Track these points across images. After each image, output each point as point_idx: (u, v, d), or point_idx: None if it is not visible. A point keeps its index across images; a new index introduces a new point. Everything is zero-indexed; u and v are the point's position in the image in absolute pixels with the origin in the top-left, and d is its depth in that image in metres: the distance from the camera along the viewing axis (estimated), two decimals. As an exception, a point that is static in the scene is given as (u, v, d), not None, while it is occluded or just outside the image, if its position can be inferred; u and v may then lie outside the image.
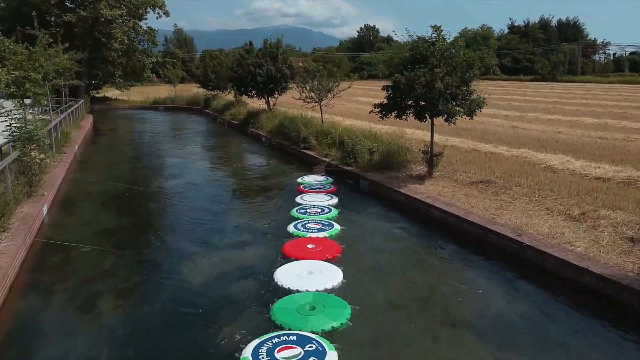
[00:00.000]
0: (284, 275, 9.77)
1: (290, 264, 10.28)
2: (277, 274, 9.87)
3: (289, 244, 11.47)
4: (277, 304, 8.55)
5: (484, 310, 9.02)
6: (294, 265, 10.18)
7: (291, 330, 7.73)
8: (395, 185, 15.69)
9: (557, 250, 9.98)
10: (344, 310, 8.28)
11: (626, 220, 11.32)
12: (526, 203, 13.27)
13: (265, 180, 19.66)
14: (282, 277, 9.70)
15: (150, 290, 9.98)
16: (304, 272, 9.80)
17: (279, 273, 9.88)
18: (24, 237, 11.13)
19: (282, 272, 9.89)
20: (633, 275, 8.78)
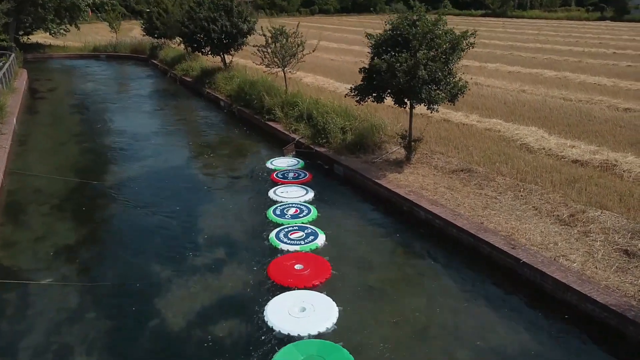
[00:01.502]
0: (276, 314, 8.97)
1: (280, 297, 9.45)
2: (268, 312, 9.05)
3: (273, 265, 10.59)
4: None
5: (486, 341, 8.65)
6: (285, 299, 9.36)
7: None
8: (374, 175, 14.85)
9: (557, 271, 9.60)
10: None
11: (616, 225, 11.09)
12: (512, 200, 12.83)
13: (231, 162, 18.31)
14: (274, 317, 8.90)
15: (127, 341, 8.93)
16: (296, 309, 9.02)
17: (269, 311, 9.06)
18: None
19: (273, 310, 9.07)
20: (636, 304, 8.53)
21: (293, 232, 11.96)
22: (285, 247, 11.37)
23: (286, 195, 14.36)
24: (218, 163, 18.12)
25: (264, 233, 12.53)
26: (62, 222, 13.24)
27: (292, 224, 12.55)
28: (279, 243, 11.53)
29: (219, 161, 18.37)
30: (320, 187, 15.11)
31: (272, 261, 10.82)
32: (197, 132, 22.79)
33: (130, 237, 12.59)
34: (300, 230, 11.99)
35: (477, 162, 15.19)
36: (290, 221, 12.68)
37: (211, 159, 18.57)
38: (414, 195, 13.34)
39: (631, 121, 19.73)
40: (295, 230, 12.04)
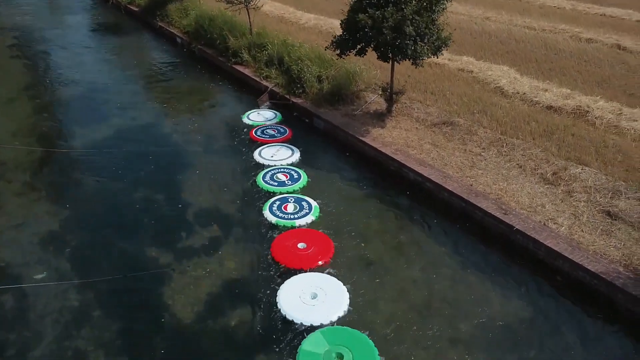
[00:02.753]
0: (288, 302, 9.04)
1: (290, 283, 9.47)
2: (280, 300, 9.11)
3: (276, 245, 10.51)
4: (302, 355, 7.95)
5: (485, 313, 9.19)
6: (295, 285, 9.40)
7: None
8: (358, 131, 14.57)
9: (549, 238, 10.07)
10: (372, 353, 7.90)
11: (596, 183, 11.58)
12: (496, 156, 13.05)
13: (204, 117, 17.37)
14: (287, 305, 8.98)
15: (140, 341, 8.82)
16: (308, 296, 9.12)
17: (282, 300, 9.12)
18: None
19: (285, 298, 9.13)
20: (623, 271, 9.18)
21: (286, 204, 11.76)
22: (282, 222, 11.24)
23: (272, 157, 13.96)
24: (190, 118, 17.13)
25: (257, 203, 12.30)
26: (39, 204, 12.39)
27: (283, 192, 12.33)
28: (274, 218, 11.37)
29: (191, 115, 17.37)
30: (303, 145, 14.75)
31: (273, 241, 10.70)
32: (158, 78, 21.18)
33: (117, 218, 12.01)
34: (295, 203, 11.80)
35: (457, 113, 15.15)
36: (282, 189, 12.44)
37: (181, 114, 17.53)
38: (401, 155, 13.29)
39: (594, 54, 20.01)
40: (289, 202, 11.84)
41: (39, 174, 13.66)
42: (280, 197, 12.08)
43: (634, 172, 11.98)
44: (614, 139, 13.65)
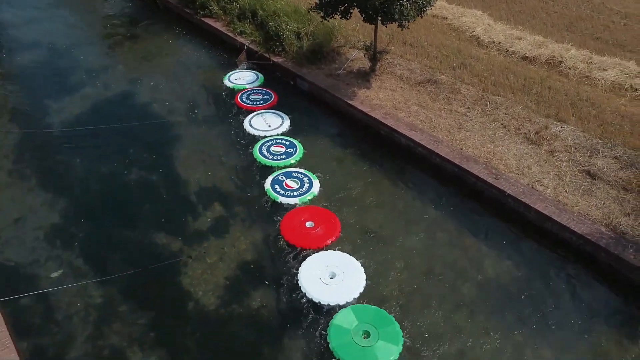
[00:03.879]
0: (309, 282, 9.49)
1: (308, 263, 9.86)
2: (302, 281, 9.53)
3: (285, 226, 10.75)
4: (332, 336, 8.55)
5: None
6: (314, 265, 9.81)
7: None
8: (344, 93, 14.51)
9: (538, 201, 10.82)
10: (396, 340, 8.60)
11: (575, 142, 12.30)
12: (481, 116, 13.46)
13: (183, 81, 16.63)
14: (309, 286, 9.44)
15: (169, 332, 9.16)
16: (327, 276, 9.62)
17: (303, 280, 9.54)
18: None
19: (306, 278, 9.57)
20: (605, 230, 10.13)
21: (288, 181, 11.90)
22: (285, 200, 11.42)
23: (262, 126, 13.81)
24: (167, 83, 16.41)
25: (256, 179, 12.38)
26: (32, 195, 11.96)
27: (281, 166, 12.40)
28: (277, 196, 11.52)
29: (166, 79, 16.61)
30: (291, 111, 14.61)
31: (281, 221, 10.92)
32: (122, 36, 19.68)
33: (116, 204, 11.81)
34: (295, 180, 11.91)
35: (438, 69, 15.25)
36: (280, 162, 12.50)
37: (156, 77, 16.73)
38: (391, 119, 13.47)
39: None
40: (290, 179, 11.96)
41: (22, 159, 13.02)
42: (280, 173, 12.13)
43: (607, 127, 12.73)
44: (587, 90, 14.29)
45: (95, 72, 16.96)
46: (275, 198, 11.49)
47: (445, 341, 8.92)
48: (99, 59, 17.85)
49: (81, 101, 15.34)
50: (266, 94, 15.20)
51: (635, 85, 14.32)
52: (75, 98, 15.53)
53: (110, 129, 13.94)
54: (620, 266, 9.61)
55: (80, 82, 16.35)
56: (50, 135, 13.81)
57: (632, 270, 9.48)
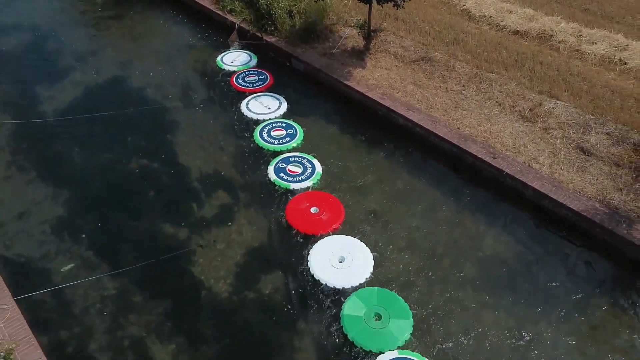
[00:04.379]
0: (320, 267, 9.73)
1: (317, 248, 10.08)
2: (313, 266, 9.77)
3: (290, 212, 10.90)
4: (347, 327, 8.87)
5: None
6: (322, 250, 10.03)
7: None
8: (340, 73, 14.47)
9: (535, 180, 11.14)
10: (406, 314, 8.96)
11: (568, 118, 12.57)
12: (476, 94, 13.62)
13: (174, 63, 16.32)
14: (319, 270, 9.68)
15: (189, 319, 9.39)
16: (336, 260, 9.87)
17: (313, 265, 9.78)
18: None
19: (316, 263, 9.81)
20: (599, 206, 10.53)
21: (290, 165, 11.98)
22: (297, 186, 11.53)
23: (260, 109, 13.75)
24: (158, 66, 16.10)
25: (258, 164, 12.44)
26: (33, 188, 11.82)
27: (283, 150, 12.46)
28: (280, 181, 11.63)
29: (158, 62, 16.28)
30: (288, 93, 14.54)
31: (287, 206, 11.05)
32: (109, 16, 19.05)
33: (120, 194, 11.78)
34: (297, 165, 11.99)
35: (432, 45, 15.26)
36: (281, 147, 12.54)
37: (147, 60, 16.39)
38: (388, 100, 13.53)
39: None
40: (292, 164, 12.03)
41: (19, 151, 12.81)
42: (278, 160, 12.17)
43: (598, 102, 13.01)
44: (578, 65, 14.50)
45: (83, 56, 16.52)
46: (286, 186, 11.52)
47: (452, 318, 9.32)
48: (86, 42, 17.35)
49: (73, 88, 15.01)
50: (262, 75, 15.07)
51: (624, 59, 14.56)
52: (66, 84, 15.17)
53: (105, 117, 13.73)
54: (614, 241, 10.06)
55: (69, 68, 15.94)
56: (45, 125, 13.54)
57: (625, 244, 9.93)
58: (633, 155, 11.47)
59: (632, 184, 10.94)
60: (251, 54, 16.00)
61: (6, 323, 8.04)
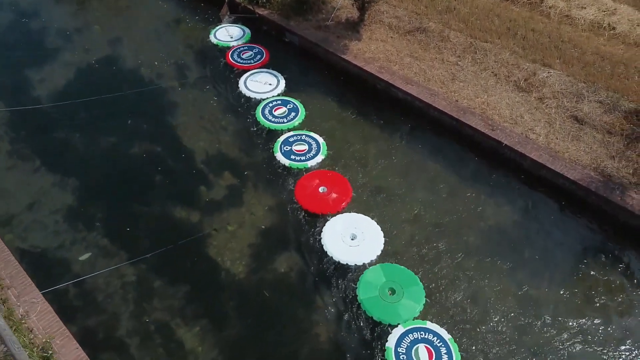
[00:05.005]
0: (333, 245, 10.04)
1: (329, 227, 10.35)
2: (326, 244, 10.06)
3: (299, 192, 11.06)
4: (360, 289, 9.33)
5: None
6: (334, 229, 10.31)
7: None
8: (336, 47, 14.39)
9: (533, 151, 11.54)
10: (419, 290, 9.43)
11: (562, 87, 12.89)
12: (472, 65, 13.78)
13: (166, 40, 15.94)
14: (333, 249, 10.00)
15: (211, 301, 9.72)
16: (348, 237, 10.22)
17: (327, 243, 10.07)
18: None
19: (329, 242, 10.10)
20: (595, 175, 11.03)
21: (295, 144, 12.10)
22: (310, 164, 11.68)
23: (259, 87, 13.68)
24: (149, 43, 15.72)
25: (261, 143, 12.52)
26: (39, 176, 11.71)
27: (284, 129, 12.52)
28: (287, 160, 11.76)
29: (148, 39, 15.88)
30: (284, 67, 14.44)
31: (295, 187, 11.24)
32: None
33: (128, 179, 11.79)
34: (302, 144, 12.11)
35: (425, 14, 15.22)
36: (283, 125, 12.60)
37: (137, 38, 15.96)
38: (387, 73, 13.60)
39: None
40: (298, 142, 12.14)
41: (18, 139, 12.59)
42: (287, 136, 12.27)
43: (589, 69, 13.32)
44: (568, 31, 14.70)
45: (69, 34, 15.98)
46: (304, 166, 11.64)
47: (459, 287, 9.85)
48: (70, 18, 16.73)
49: (63, 70, 14.61)
50: (257, 50, 14.87)
51: (613, 24, 14.80)
52: (56, 66, 14.75)
53: (103, 100, 13.50)
54: (608, 207, 10.62)
55: (56, 48, 15.44)
56: (41, 111, 13.27)
57: (618, 210, 10.50)
58: (624, 123, 11.91)
59: (623, 151, 11.43)
60: (244, 27, 15.71)
61: (38, 316, 8.21)
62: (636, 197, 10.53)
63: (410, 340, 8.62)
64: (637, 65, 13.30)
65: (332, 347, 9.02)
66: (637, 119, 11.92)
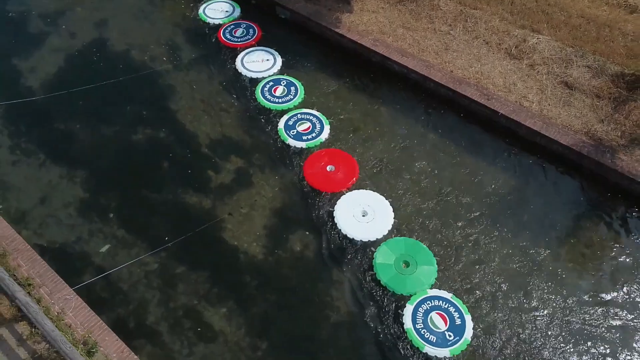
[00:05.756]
0: (346, 223, 10.46)
1: (341, 205, 10.73)
2: (339, 222, 10.47)
3: (308, 172, 11.33)
4: (380, 274, 9.82)
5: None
6: (345, 206, 10.68)
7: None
8: (329, 20, 14.30)
9: (528, 119, 11.98)
10: (430, 260, 10.00)
11: (551, 53, 13.22)
12: (464, 34, 13.94)
13: (153, 22, 15.51)
14: (346, 226, 10.42)
15: (235, 283, 10.10)
16: (359, 214, 10.63)
17: (340, 221, 10.48)
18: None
19: (342, 219, 10.51)
20: (586, 139, 11.58)
21: (299, 124, 12.25)
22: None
23: (256, 67, 13.62)
24: (137, 23, 15.31)
25: (263, 123, 12.63)
26: (45, 170, 11.62)
27: (285, 109, 12.61)
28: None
29: (135, 18, 15.42)
30: (278, 44, 14.34)
31: (303, 167, 11.49)
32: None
33: (135, 168, 11.81)
34: (306, 123, 12.27)
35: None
36: (284, 105, 12.69)
37: (122, 17, 15.49)
38: (381, 46, 13.67)
39: None
40: (301, 123, 12.29)
41: (19, 133, 12.40)
42: (290, 116, 12.38)
43: (576, 33, 13.65)
44: (554, -7, 14.88)
45: (52, 17, 15.41)
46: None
47: (464, 252, 10.45)
48: (49, 1, 16.08)
49: (52, 57, 14.20)
50: (249, 27, 14.68)
51: (596, -15, 15.01)
52: (44, 53, 14.32)
53: (98, 88, 13.28)
54: (600, 170, 11.23)
55: (41, 32, 14.92)
56: (37, 103, 13.01)
57: (608, 172, 11.13)
58: (612, 87, 12.39)
59: (612, 115, 11.97)
60: (233, 3, 15.41)
61: (74, 312, 8.48)
62: (625, 158, 11.14)
63: (423, 312, 9.21)
64: (620, 27, 13.67)
65: (352, 319, 9.57)
66: (623, 82, 12.41)
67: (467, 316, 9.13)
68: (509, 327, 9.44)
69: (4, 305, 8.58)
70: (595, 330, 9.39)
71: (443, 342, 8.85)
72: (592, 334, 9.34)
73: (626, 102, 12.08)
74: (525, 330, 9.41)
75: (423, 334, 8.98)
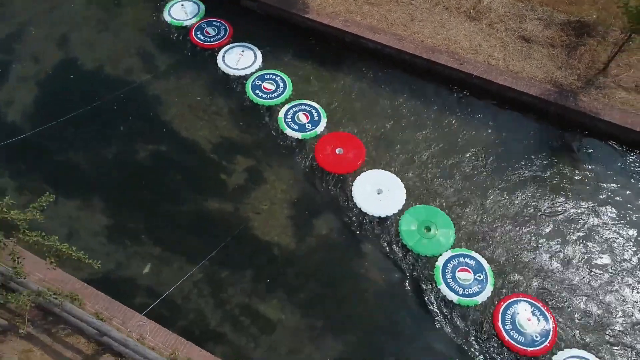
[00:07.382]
0: (363, 199, 11.52)
1: (357, 184, 11.71)
2: (356, 198, 11.53)
3: (319, 156, 12.09)
4: (405, 239, 11.09)
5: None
6: (362, 186, 11.68)
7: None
8: (297, 7, 14.66)
9: (499, 76, 13.33)
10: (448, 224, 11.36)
11: (505, 11, 14.49)
12: (424, 2, 14.86)
13: (118, 29, 15.14)
14: (363, 203, 11.48)
15: (281, 279, 11.04)
16: (375, 192, 11.73)
17: (357, 197, 11.54)
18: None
19: (359, 195, 11.56)
20: (550, 87, 13.15)
21: (298, 114, 12.94)
22: (305, 135, 12.63)
23: (238, 63, 13.95)
24: (101, 36, 14.93)
25: (258, 120, 13.18)
26: (62, 205, 11.66)
27: (278, 103, 13.19)
28: (296, 133, 12.65)
29: (97, 27, 14.98)
30: (252, 37, 14.57)
31: (314, 153, 12.23)
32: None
33: (149, 186, 12.10)
34: (305, 114, 12.93)
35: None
36: (276, 100, 13.26)
37: (83, 28, 15.03)
38: (352, 26, 14.34)
39: None
40: (300, 113, 12.97)
41: (20, 172, 12.23)
42: (287, 108, 12.97)
43: (522, -14, 14.97)
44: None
45: (6, 43, 14.66)
46: (296, 136, 12.56)
47: (469, 203, 11.88)
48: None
49: (23, 86, 13.72)
50: (220, 25, 14.80)
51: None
52: (13, 83, 13.81)
53: (85, 112, 13.18)
54: (565, 113, 12.89)
55: (0, 62, 14.31)
56: (26, 141, 12.73)
57: (574, 114, 12.82)
58: (562, 35, 13.92)
59: (567, 60, 13.56)
60: (197, 1, 15.35)
61: (152, 335, 9.17)
62: (585, 99, 12.84)
63: (450, 268, 10.69)
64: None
65: (388, 287, 10.86)
66: (571, 29, 13.98)
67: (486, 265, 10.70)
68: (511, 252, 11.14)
69: (82, 343, 9.09)
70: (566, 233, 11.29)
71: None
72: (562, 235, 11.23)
73: (576, 47, 13.69)
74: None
75: (453, 287, 10.47)
